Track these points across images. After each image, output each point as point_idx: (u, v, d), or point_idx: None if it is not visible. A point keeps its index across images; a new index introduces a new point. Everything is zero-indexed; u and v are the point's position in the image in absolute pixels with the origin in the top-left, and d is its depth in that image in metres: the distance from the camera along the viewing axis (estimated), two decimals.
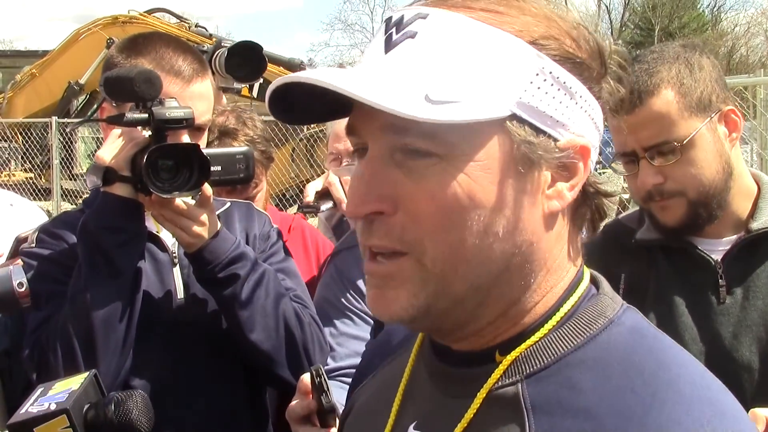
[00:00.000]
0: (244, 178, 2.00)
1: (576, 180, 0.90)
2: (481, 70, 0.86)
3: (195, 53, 1.99)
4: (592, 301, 0.94)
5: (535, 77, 0.87)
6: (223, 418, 1.98)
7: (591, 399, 0.84)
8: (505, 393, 0.89)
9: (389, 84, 0.85)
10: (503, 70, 0.86)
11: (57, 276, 1.88)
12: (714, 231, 1.94)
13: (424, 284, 0.89)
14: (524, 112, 0.87)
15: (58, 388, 1.34)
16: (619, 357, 0.88)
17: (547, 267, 0.92)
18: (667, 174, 1.87)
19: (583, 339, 0.90)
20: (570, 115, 0.89)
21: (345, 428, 1.19)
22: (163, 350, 1.92)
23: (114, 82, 1.77)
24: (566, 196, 0.90)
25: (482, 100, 0.85)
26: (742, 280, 1.90)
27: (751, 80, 6.36)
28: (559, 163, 0.89)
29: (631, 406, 0.83)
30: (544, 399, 0.87)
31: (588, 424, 0.83)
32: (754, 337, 1.86)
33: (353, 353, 2.13)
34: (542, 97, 0.87)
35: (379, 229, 0.89)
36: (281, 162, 9.29)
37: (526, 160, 0.87)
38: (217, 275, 1.89)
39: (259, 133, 2.84)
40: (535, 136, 0.87)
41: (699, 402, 0.83)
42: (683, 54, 1.90)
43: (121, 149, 1.80)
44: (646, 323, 0.95)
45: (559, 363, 0.89)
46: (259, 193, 2.82)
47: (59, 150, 12.54)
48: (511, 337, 0.92)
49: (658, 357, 0.88)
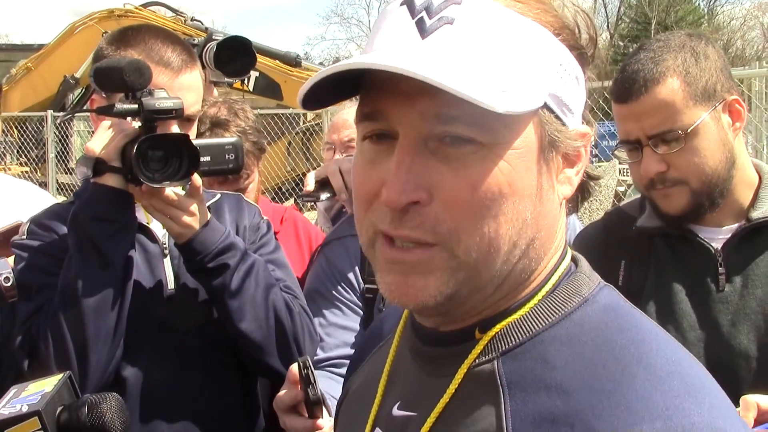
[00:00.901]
0: (234, 169, 2.00)
1: (581, 165, 0.94)
2: (523, 60, 0.88)
3: (184, 44, 2.00)
4: (569, 280, 0.96)
5: (559, 67, 0.90)
6: (214, 408, 1.99)
7: (563, 374, 0.86)
8: (483, 370, 0.91)
9: (466, 74, 0.84)
10: (538, 60, 0.89)
11: (48, 267, 1.89)
12: (715, 219, 1.95)
13: (454, 272, 0.88)
14: (552, 101, 0.90)
15: (31, 390, 1.33)
16: (592, 334, 0.89)
17: (545, 248, 0.94)
18: (671, 162, 1.87)
19: (557, 317, 0.91)
20: (577, 102, 0.93)
21: (339, 414, 1.21)
22: (153, 340, 1.93)
23: (103, 72, 1.78)
24: (574, 181, 0.94)
25: (526, 90, 0.87)
26: (741, 269, 1.91)
27: (746, 72, 6.35)
28: (567, 150, 0.92)
29: (601, 381, 0.84)
30: (519, 375, 0.88)
31: (560, 399, 0.84)
32: (752, 325, 1.87)
33: (342, 343, 2.14)
34: (562, 86, 0.90)
35: (413, 219, 0.87)
36: (277, 156, 9.28)
37: (550, 147, 0.90)
38: (207, 265, 1.89)
39: (251, 124, 2.84)
40: (558, 125, 0.91)
41: (669, 377, 0.84)
42: (689, 43, 1.91)
43: (111, 140, 1.80)
44: (621, 301, 0.96)
45: (533, 340, 0.90)
46: (250, 184, 2.82)
47: (55, 144, 12.52)
48: (493, 315, 0.93)
49: (630, 333, 0.89)
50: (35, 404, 1.27)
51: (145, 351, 1.92)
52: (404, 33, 0.89)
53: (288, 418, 1.73)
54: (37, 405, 1.26)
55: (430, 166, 0.87)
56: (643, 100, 1.85)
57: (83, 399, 1.34)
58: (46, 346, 1.78)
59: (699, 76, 1.87)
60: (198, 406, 1.97)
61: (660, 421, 0.79)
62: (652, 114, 1.86)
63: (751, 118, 6.29)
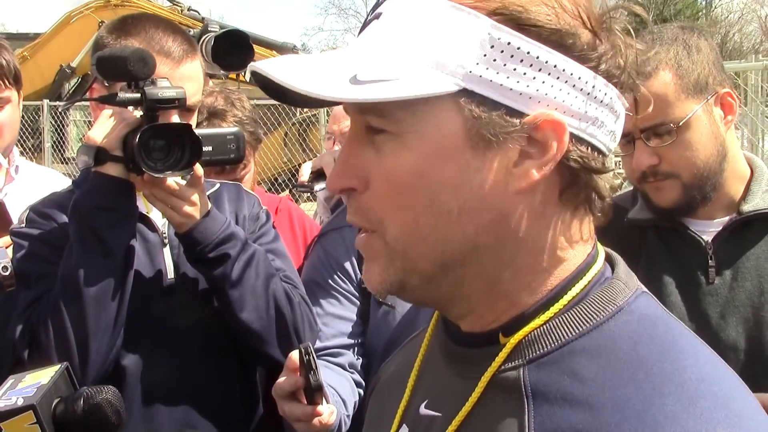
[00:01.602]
0: (235, 159, 2.01)
1: (547, 158, 0.84)
2: (424, 45, 0.84)
3: (184, 34, 1.99)
4: (603, 287, 0.90)
5: (489, 49, 0.82)
6: (213, 396, 2.00)
7: (591, 389, 0.82)
8: (508, 377, 0.87)
9: (324, 68, 0.85)
10: (449, 45, 0.83)
11: (47, 256, 1.89)
12: (706, 212, 1.95)
13: (391, 260, 0.89)
14: (477, 86, 0.82)
15: (28, 381, 1.31)
16: (624, 346, 0.84)
17: (529, 247, 0.88)
18: (662, 155, 1.88)
19: (588, 326, 0.87)
20: (540, 87, 0.83)
21: (371, 400, 1.20)
22: (153, 330, 1.93)
23: (107, 61, 1.77)
24: (532, 174, 0.84)
25: (424, 77, 0.82)
26: (731, 262, 1.92)
27: (742, 66, 6.37)
28: (528, 139, 0.84)
29: (630, 399, 0.79)
30: (545, 386, 0.84)
31: (586, 416, 0.80)
32: (741, 317, 1.88)
33: (339, 333, 2.15)
34: (499, 70, 0.82)
35: (352, 206, 0.91)
36: (273, 146, 9.28)
37: (481, 137, 0.83)
38: (208, 255, 1.90)
39: (248, 114, 2.84)
40: (492, 112, 0.83)
41: (703, 398, 0.79)
42: (681, 36, 1.91)
43: (113, 129, 1.80)
44: (660, 311, 0.91)
45: (562, 350, 0.86)
46: (247, 174, 2.83)
47: (51, 133, 12.48)
48: (513, 318, 0.90)
49: (665, 347, 0.84)
50: (30, 397, 1.25)
51: (145, 340, 1.93)
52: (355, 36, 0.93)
53: (287, 405, 1.73)
54: (33, 398, 1.25)
55: (365, 154, 0.88)
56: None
57: (79, 392, 1.32)
58: (46, 335, 1.78)
59: (691, 69, 1.87)
60: (197, 394, 1.97)
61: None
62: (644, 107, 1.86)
63: (746, 112, 6.30)
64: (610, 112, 0.89)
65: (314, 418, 1.72)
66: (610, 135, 0.90)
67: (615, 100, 0.89)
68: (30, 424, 1.23)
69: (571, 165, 0.86)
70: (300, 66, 0.86)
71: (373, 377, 1.27)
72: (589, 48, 0.85)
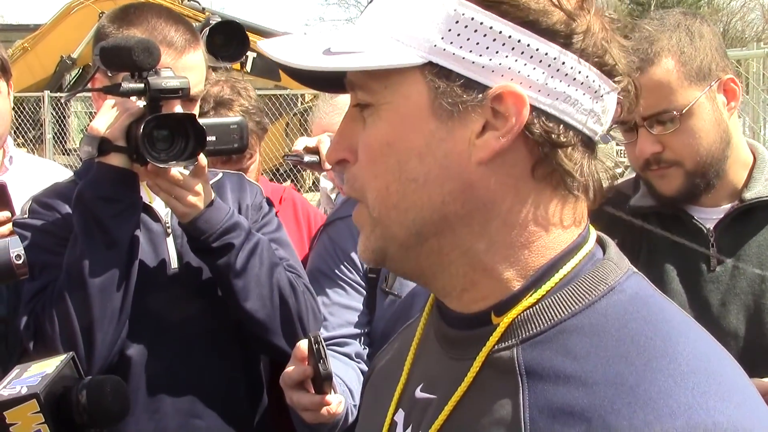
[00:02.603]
0: (239, 148, 2.00)
1: (506, 130, 0.86)
2: (394, 22, 0.89)
3: (187, 24, 1.99)
4: (595, 267, 0.92)
5: (455, 24, 0.86)
6: (217, 387, 2.00)
7: (584, 367, 0.83)
8: (501, 357, 0.89)
9: (306, 44, 0.93)
10: (416, 20, 0.87)
11: (51, 247, 1.89)
12: (709, 200, 1.95)
13: (372, 228, 0.94)
14: (442, 59, 0.86)
15: (33, 370, 1.31)
16: (616, 324, 0.86)
17: (502, 219, 0.90)
18: (666, 143, 1.87)
19: (581, 305, 0.88)
20: (503, 61, 0.86)
21: (365, 390, 1.22)
22: (157, 319, 1.94)
23: (111, 51, 1.76)
24: (491, 144, 0.87)
25: (391, 50, 0.88)
26: (733, 249, 1.91)
27: (744, 53, 6.35)
28: (493, 112, 0.86)
29: (623, 374, 0.81)
30: (538, 365, 0.86)
31: (579, 392, 0.82)
32: (741, 305, 1.88)
33: (345, 323, 2.15)
34: (463, 44, 0.86)
35: (344, 177, 0.97)
36: (275, 137, 9.26)
37: (445, 108, 0.87)
38: (212, 245, 1.90)
39: (254, 103, 2.84)
40: (455, 83, 0.86)
41: (695, 373, 0.80)
42: (684, 22, 1.90)
43: (116, 119, 1.80)
44: (651, 290, 0.93)
45: (555, 329, 0.88)
46: (252, 164, 2.83)
47: (52, 124, 12.47)
48: (504, 299, 0.91)
49: (657, 325, 0.86)
50: (34, 386, 1.25)
51: (149, 330, 1.93)
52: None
53: (295, 395, 1.73)
54: (36, 387, 1.24)
55: (355, 129, 0.94)
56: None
57: (84, 381, 1.32)
58: (51, 326, 1.79)
59: (694, 55, 1.86)
60: (202, 384, 1.98)
61: (682, 419, 0.76)
62: (647, 95, 1.84)
63: (748, 100, 6.28)
64: (585, 91, 0.89)
65: (323, 408, 1.71)
66: (589, 114, 0.90)
67: (593, 78, 0.89)
68: (34, 413, 1.22)
69: (536, 140, 0.88)
70: (289, 42, 0.94)
71: None
72: (560, 27, 0.87)
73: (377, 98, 0.90)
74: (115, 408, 1.31)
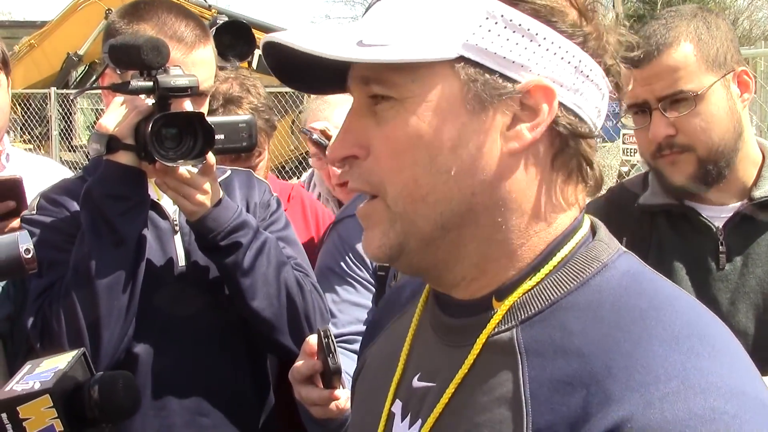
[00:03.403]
0: (247, 147, 2.00)
1: (538, 120, 0.90)
2: (425, 17, 0.90)
3: (197, 19, 1.99)
4: (587, 247, 0.96)
5: (485, 20, 0.89)
6: (224, 385, 2.00)
7: (581, 339, 0.86)
8: (501, 338, 0.92)
9: (333, 35, 0.92)
10: (448, 15, 0.89)
11: (58, 243, 1.89)
12: (717, 198, 1.95)
13: (391, 224, 0.94)
14: (473, 54, 0.89)
15: (45, 366, 1.31)
16: (611, 299, 0.89)
17: (522, 209, 0.93)
18: (679, 127, 1.87)
19: (575, 284, 0.92)
20: (531, 57, 0.90)
21: (357, 384, 1.22)
22: (164, 317, 1.94)
23: (120, 49, 1.76)
24: (525, 135, 0.91)
25: (425, 43, 0.88)
26: (742, 248, 1.91)
27: (752, 52, 6.32)
28: (521, 105, 0.90)
29: (619, 342, 0.84)
30: (537, 342, 0.89)
31: (577, 363, 0.84)
32: (751, 303, 1.88)
33: (355, 320, 2.14)
34: (494, 39, 0.89)
35: (354, 173, 0.96)
36: (281, 134, 9.26)
37: (477, 101, 0.89)
38: (220, 243, 1.90)
39: (263, 101, 2.83)
40: (486, 77, 0.89)
41: (689, 338, 0.83)
42: (700, 13, 1.94)
43: (125, 117, 1.79)
44: (641, 267, 0.96)
45: (552, 308, 0.91)
46: (261, 162, 2.82)
47: (58, 121, 12.50)
48: (506, 283, 0.94)
49: (650, 297, 0.89)
50: (47, 381, 1.25)
51: (156, 328, 1.93)
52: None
53: (304, 390, 1.73)
54: (49, 383, 1.25)
55: (366, 124, 0.94)
56: (655, 63, 1.86)
57: (95, 377, 1.32)
58: (58, 324, 1.79)
59: (711, 43, 1.88)
60: (208, 382, 1.98)
61: (676, 380, 0.79)
62: (664, 76, 1.86)
63: (756, 98, 6.27)
64: (596, 89, 0.95)
65: (331, 403, 1.71)
66: (595, 111, 0.95)
67: (600, 78, 0.95)
68: (47, 408, 1.23)
69: (561, 131, 0.92)
70: (308, 32, 0.92)
71: None
72: (575, 26, 0.92)
73: (401, 92, 0.90)
74: (126, 403, 1.32)
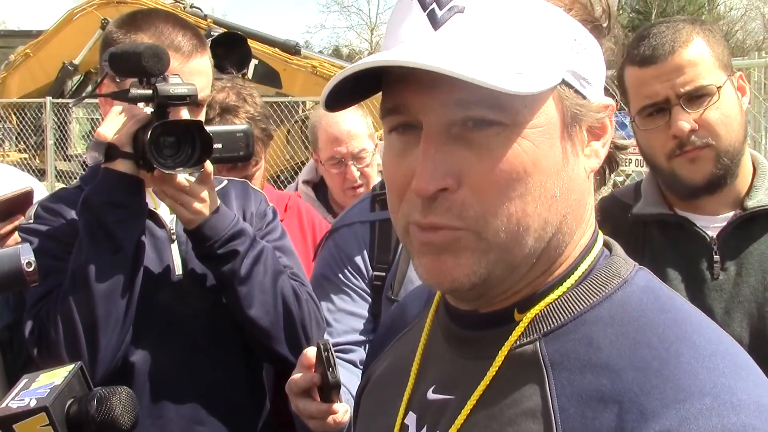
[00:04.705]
0: (245, 156, 2.01)
1: (607, 137, 0.95)
2: (537, 40, 0.89)
3: (194, 29, 2.00)
4: (606, 262, 0.97)
5: (574, 42, 0.91)
6: (220, 393, 2.00)
7: (609, 354, 0.87)
8: (524, 351, 0.91)
9: (480, 61, 0.85)
10: (552, 38, 0.90)
11: (56, 252, 1.89)
12: (711, 208, 1.96)
13: (485, 253, 0.89)
14: (569, 77, 0.91)
15: (42, 381, 1.30)
16: (634, 314, 0.90)
17: (585, 224, 0.96)
18: (699, 122, 1.89)
19: (599, 298, 0.92)
20: (595, 75, 0.94)
21: (362, 399, 1.21)
22: (161, 326, 1.94)
23: (121, 56, 1.77)
24: (601, 153, 0.95)
25: (541, 69, 0.88)
26: (735, 257, 1.92)
27: (745, 62, 6.35)
28: (591, 123, 0.93)
29: (647, 359, 0.85)
30: (562, 355, 0.89)
31: (606, 378, 0.85)
32: (745, 312, 1.89)
33: (350, 330, 2.14)
34: (579, 61, 0.91)
35: (441, 206, 0.89)
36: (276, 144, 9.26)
37: (574, 123, 0.91)
38: (217, 251, 1.90)
39: (260, 110, 2.84)
40: (581, 98, 0.92)
41: (713, 356, 0.85)
42: (698, 21, 1.98)
43: (123, 125, 1.80)
44: (658, 283, 0.97)
45: (576, 321, 0.91)
46: (257, 171, 2.83)
47: (54, 131, 12.48)
48: (529, 296, 0.94)
49: (672, 314, 0.90)
50: (43, 398, 1.24)
51: (153, 336, 1.93)
52: (417, 27, 0.90)
53: (302, 403, 1.72)
54: (45, 400, 1.24)
55: (456, 152, 0.88)
56: (672, 59, 1.88)
57: (93, 392, 1.31)
58: (55, 331, 1.79)
59: (717, 44, 1.93)
60: (205, 390, 1.98)
61: (709, 397, 0.80)
62: (684, 71, 1.88)
63: (749, 109, 6.29)
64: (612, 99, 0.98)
65: (329, 416, 1.71)
66: None
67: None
68: (43, 426, 1.22)
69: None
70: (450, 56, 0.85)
71: None
72: (603, 35, 0.96)
73: (513, 118, 0.87)
74: (124, 420, 1.30)
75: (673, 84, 1.88)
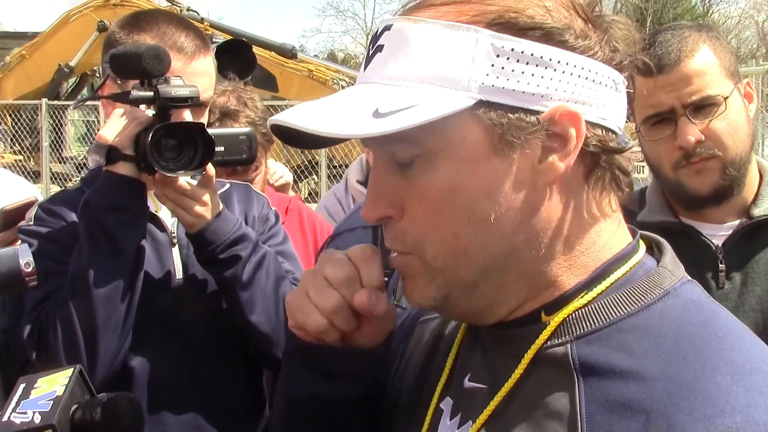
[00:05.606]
0: (247, 159, 1.99)
1: (568, 148, 0.89)
2: (433, 67, 0.88)
3: (196, 30, 1.98)
4: (650, 273, 0.95)
5: (496, 59, 0.87)
6: (220, 399, 1.98)
7: (641, 363, 0.86)
8: (554, 353, 0.91)
9: (343, 108, 0.90)
10: (457, 62, 0.87)
11: (56, 254, 1.87)
12: (717, 216, 1.95)
13: (432, 278, 0.94)
14: (492, 96, 0.87)
15: (41, 388, 1.26)
16: (672, 326, 0.89)
17: (563, 234, 0.92)
18: (706, 133, 1.87)
19: (637, 307, 0.91)
20: (549, 84, 0.88)
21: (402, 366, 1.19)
22: (161, 330, 1.92)
23: (121, 57, 1.75)
24: (557, 167, 0.89)
25: (441, 98, 0.86)
26: (741, 266, 1.91)
27: (743, 70, 6.36)
28: (548, 134, 0.88)
29: (681, 372, 0.83)
30: (594, 360, 0.88)
31: (636, 386, 0.84)
32: (751, 322, 1.87)
33: None
34: (509, 76, 0.87)
35: (389, 233, 0.96)
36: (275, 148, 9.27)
37: (504, 143, 0.88)
38: (219, 256, 1.88)
39: (260, 114, 2.83)
40: (509, 116, 0.87)
41: (751, 374, 0.83)
42: (703, 29, 1.95)
43: (125, 128, 1.78)
44: (704, 297, 0.95)
45: (610, 327, 0.90)
46: (258, 175, 2.82)
47: (49, 133, 12.47)
48: (554, 299, 0.94)
49: (713, 329, 0.88)
50: (48, 413, 1.20)
51: (153, 341, 1.91)
52: (362, 65, 0.95)
53: None
54: (51, 416, 1.20)
55: (395, 182, 0.93)
56: (678, 69, 1.86)
57: (98, 398, 1.28)
58: (54, 334, 1.77)
59: (723, 51, 1.90)
60: (205, 395, 1.96)
61: (741, 415, 0.79)
62: (692, 80, 1.86)
63: None
64: (615, 93, 0.93)
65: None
66: (618, 113, 0.95)
67: (618, 79, 0.93)
68: None
69: (592, 150, 0.91)
70: (318, 110, 0.91)
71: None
72: (584, 37, 0.90)
73: (426, 148, 0.89)
74: (130, 426, 1.28)
75: (679, 94, 1.86)
